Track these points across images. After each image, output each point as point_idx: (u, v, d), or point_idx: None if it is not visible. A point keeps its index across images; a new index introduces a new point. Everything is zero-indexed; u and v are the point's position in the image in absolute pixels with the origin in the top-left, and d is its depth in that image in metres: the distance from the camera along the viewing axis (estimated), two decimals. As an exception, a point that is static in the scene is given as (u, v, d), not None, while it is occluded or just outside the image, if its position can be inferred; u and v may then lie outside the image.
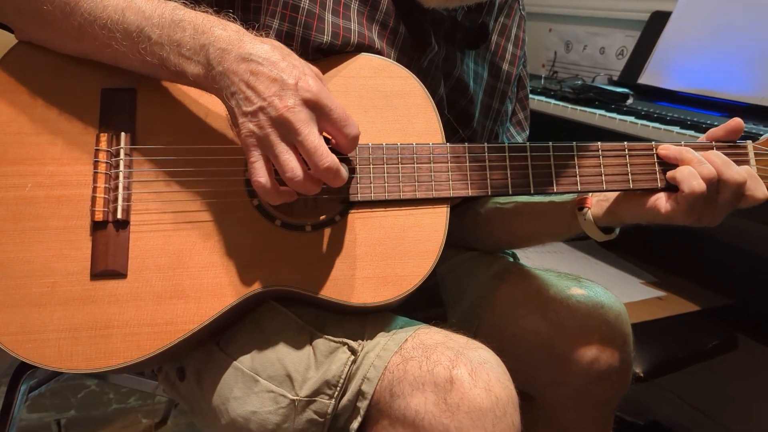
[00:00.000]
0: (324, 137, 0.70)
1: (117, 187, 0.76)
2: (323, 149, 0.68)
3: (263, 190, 0.69)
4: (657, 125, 1.40)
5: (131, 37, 0.72)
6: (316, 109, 0.69)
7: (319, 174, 0.69)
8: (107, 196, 0.75)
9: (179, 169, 0.77)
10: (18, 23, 0.77)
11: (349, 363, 0.75)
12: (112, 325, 0.74)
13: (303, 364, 0.76)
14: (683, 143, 0.84)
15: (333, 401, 0.75)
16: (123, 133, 0.77)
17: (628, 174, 0.83)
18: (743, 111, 1.43)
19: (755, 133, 1.23)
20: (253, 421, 0.76)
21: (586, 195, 0.91)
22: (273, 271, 0.77)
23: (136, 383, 1.34)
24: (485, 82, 1.00)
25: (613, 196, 0.88)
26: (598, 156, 0.83)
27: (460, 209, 1.04)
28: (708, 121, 1.38)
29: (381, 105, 0.82)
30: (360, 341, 0.77)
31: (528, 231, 1.02)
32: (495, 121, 1.03)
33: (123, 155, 0.76)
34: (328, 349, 0.77)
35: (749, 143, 0.86)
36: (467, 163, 0.81)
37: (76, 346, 0.73)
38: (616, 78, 1.82)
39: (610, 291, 1.03)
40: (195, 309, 0.75)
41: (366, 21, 0.84)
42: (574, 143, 0.83)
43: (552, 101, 1.70)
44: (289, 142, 0.68)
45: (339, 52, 0.82)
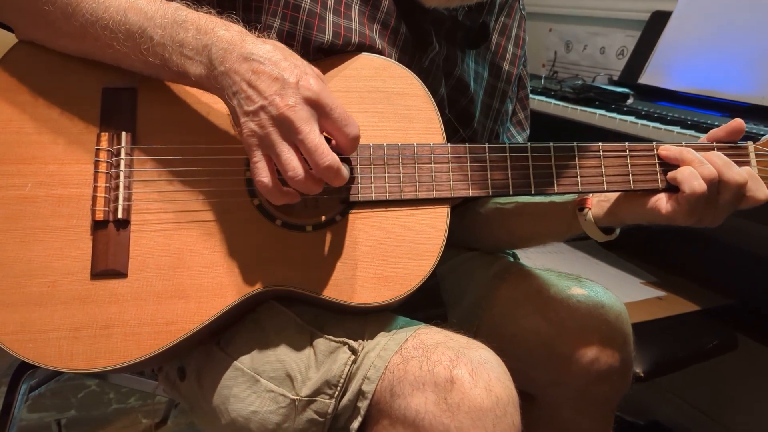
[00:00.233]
0: (325, 138, 0.70)
1: (118, 187, 0.76)
2: (324, 148, 0.68)
3: (266, 190, 0.69)
4: (657, 125, 1.40)
5: (133, 38, 0.72)
6: (317, 108, 0.69)
7: (320, 173, 0.69)
8: (108, 195, 0.75)
9: (180, 169, 0.77)
10: (19, 23, 0.77)
11: (350, 363, 0.75)
12: (112, 325, 0.74)
13: (303, 363, 0.76)
14: (684, 144, 0.84)
15: (333, 401, 0.75)
16: (124, 133, 0.77)
17: (629, 174, 0.83)
18: (744, 111, 1.43)
19: (756, 134, 1.23)
20: (254, 421, 0.76)
21: (586, 195, 0.91)
22: (274, 271, 0.77)
23: (136, 383, 1.34)
24: (486, 81, 1.00)
25: (614, 196, 0.88)
26: (599, 156, 0.83)
27: (460, 209, 1.04)
28: (708, 122, 1.38)
29: (382, 105, 0.82)
30: (360, 341, 0.77)
31: (528, 231, 1.02)
32: (495, 121, 1.03)
33: (124, 154, 0.76)
34: (328, 349, 0.77)
35: (750, 144, 0.86)
36: (468, 163, 0.81)
37: (76, 345, 0.73)
38: (616, 78, 1.82)
39: (610, 291, 1.03)
40: (195, 309, 0.75)
41: (367, 21, 0.84)
42: (575, 144, 0.83)
43: (552, 101, 1.70)
44: (290, 141, 0.68)
45: (340, 51, 0.82)
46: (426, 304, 0.93)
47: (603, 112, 1.54)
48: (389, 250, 0.78)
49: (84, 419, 1.82)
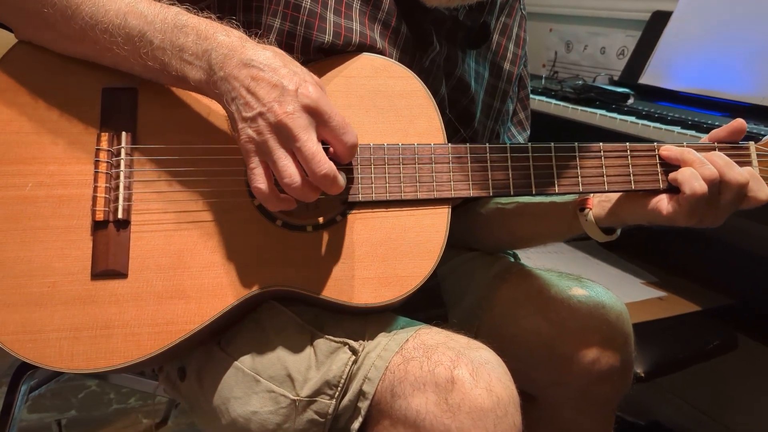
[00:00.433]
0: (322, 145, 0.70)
1: (118, 187, 0.76)
2: (321, 156, 0.68)
3: (263, 196, 0.69)
4: (658, 125, 1.40)
5: (133, 42, 0.72)
6: (315, 116, 0.69)
7: (317, 181, 0.69)
8: (108, 195, 0.75)
9: (180, 169, 0.77)
10: (18, 24, 0.77)
11: (350, 363, 0.75)
12: (112, 325, 0.73)
13: (304, 364, 0.76)
14: (685, 144, 0.84)
15: (334, 401, 0.75)
16: (124, 133, 0.77)
17: (629, 175, 0.83)
18: (745, 111, 1.43)
19: (757, 134, 1.22)
20: (254, 421, 0.76)
21: (587, 196, 0.91)
22: (274, 272, 0.76)
23: (136, 383, 1.34)
24: (486, 81, 1.00)
25: (615, 196, 0.88)
26: (600, 157, 0.83)
27: (461, 210, 1.04)
28: (709, 122, 1.38)
29: (382, 105, 0.82)
30: (361, 341, 0.77)
31: (529, 231, 1.02)
32: (496, 121, 1.03)
33: (124, 155, 0.76)
34: (328, 349, 0.77)
35: (751, 144, 0.86)
36: (469, 164, 0.81)
37: (76, 345, 0.73)
38: (616, 78, 1.82)
39: (611, 291, 1.03)
40: (196, 309, 0.75)
41: (368, 21, 0.84)
42: (575, 144, 0.83)
43: (553, 101, 1.70)
44: (288, 148, 0.68)
45: (340, 51, 0.82)
46: (427, 304, 0.93)
47: (603, 112, 1.54)
48: (390, 250, 0.78)
49: (84, 420, 1.82)
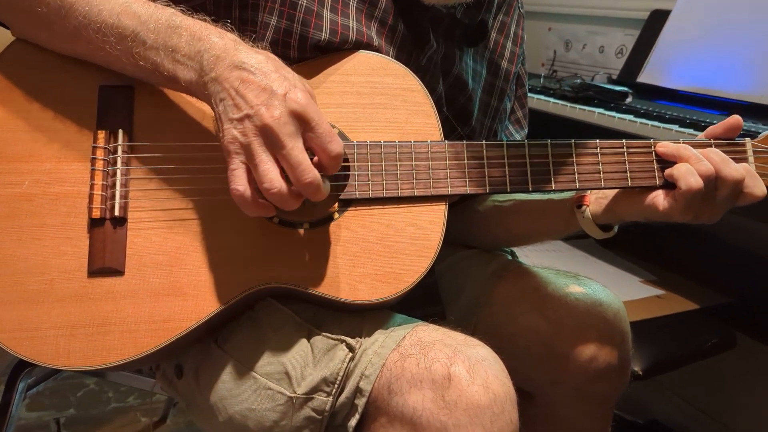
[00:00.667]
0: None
1: (114, 185, 0.76)
2: (307, 164, 0.67)
3: (240, 199, 0.68)
4: (656, 123, 1.40)
5: (125, 42, 0.72)
6: (302, 122, 0.68)
7: (301, 188, 0.68)
8: (104, 193, 0.75)
9: (177, 167, 0.77)
10: (14, 22, 0.77)
11: (347, 360, 0.75)
12: (109, 323, 0.73)
13: (301, 361, 0.76)
14: (681, 140, 0.84)
15: (331, 398, 0.75)
16: (120, 131, 0.77)
17: (626, 171, 0.83)
18: (742, 109, 1.43)
19: (754, 131, 1.23)
20: (251, 419, 0.76)
21: (584, 193, 0.91)
22: (271, 269, 0.76)
23: (134, 381, 1.34)
24: (484, 79, 1.00)
25: (612, 193, 0.88)
26: (596, 153, 0.83)
27: (458, 207, 1.04)
28: (707, 120, 1.38)
29: (379, 102, 0.82)
30: (358, 338, 0.77)
31: (526, 229, 1.02)
32: (494, 119, 1.03)
33: (120, 152, 0.76)
34: (326, 347, 0.77)
35: (748, 141, 0.86)
36: (465, 161, 0.81)
37: (73, 343, 0.73)
38: (615, 77, 1.82)
39: (608, 289, 1.03)
40: (192, 306, 0.75)
41: (365, 18, 0.84)
42: (572, 141, 0.83)
43: (551, 100, 1.70)
44: (273, 153, 0.67)
45: (337, 49, 0.82)
46: (424, 301, 0.93)
47: (602, 110, 1.54)
48: (387, 247, 0.78)
49: (83, 418, 1.82)
